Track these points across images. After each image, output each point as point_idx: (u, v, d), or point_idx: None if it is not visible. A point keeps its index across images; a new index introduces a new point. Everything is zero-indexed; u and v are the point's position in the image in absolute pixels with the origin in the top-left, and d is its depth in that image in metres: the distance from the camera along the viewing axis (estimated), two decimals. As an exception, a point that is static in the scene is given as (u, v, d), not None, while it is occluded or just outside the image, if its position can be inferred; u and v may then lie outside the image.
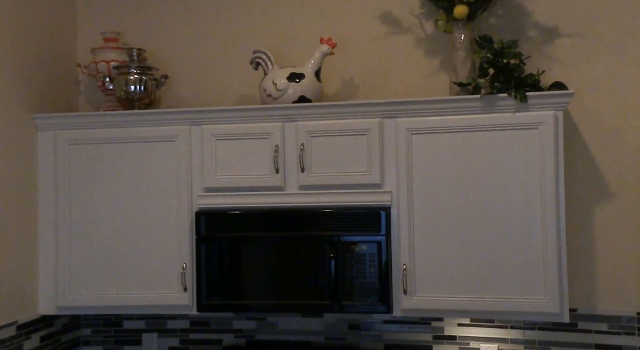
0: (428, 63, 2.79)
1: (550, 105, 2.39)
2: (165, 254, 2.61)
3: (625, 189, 2.62)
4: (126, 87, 2.72)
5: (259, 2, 2.93)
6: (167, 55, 2.97)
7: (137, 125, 2.64)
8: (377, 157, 2.48)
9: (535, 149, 2.38)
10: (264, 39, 2.88)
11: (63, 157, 2.67)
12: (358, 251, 2.48)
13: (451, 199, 2.44)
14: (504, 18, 2.73)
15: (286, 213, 2.53)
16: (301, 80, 2.61)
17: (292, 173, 2.54)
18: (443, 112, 2.45)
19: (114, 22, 3.00)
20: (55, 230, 2.67)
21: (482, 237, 2.42)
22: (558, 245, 2.36)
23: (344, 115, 2.51)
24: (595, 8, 2.65)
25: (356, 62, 2.84)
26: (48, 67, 2.83)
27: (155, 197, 2.62)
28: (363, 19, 2.84)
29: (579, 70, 2.65)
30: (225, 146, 2.58)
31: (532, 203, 2.38)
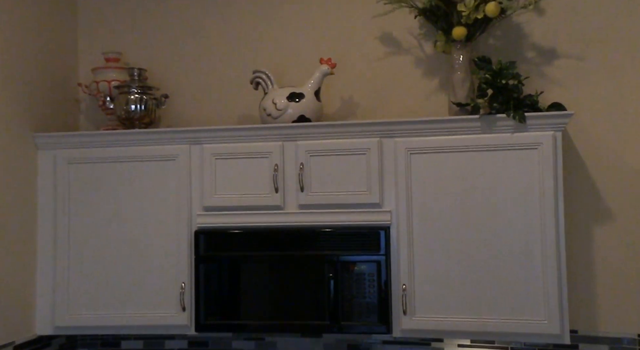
0: (427, 83, 2.81)
1: (548, 126, 2.40)
2: (164, 273, 2.60)
3: (625, 210, 2.62)
4: (127, 106, 2.74)
5: (259, 22, 2.95)
6: (168, 74, 2.99)
7: (137, 145, 2.65)
8: (376, 177, 2.48)
9: (534, 169, 2.39)
10: (264, 58, 2.90)
11: (62, 176, 2.67)
12: (357, 271, 2.47)
13: (450, 219, 2.44)
14: (502, 39, 2.75)
15: (285, 232, 2.53)
16: (301, 100, 2.62)
17: (291, 192, 2.54)
18: (442, 132, 2.46)
19: (116, 42, 3.02)
20: (53, 250, 2.66)
21: (482, 258, 2.41)
22: (558, 265, 2.35)
23: (343, 135, 2.52)
24: (593, 30, 2.67)
25: (356, 82, 2.86)
26: (49, 86, 2.85)
27: (154, 216, 2.62)
28: (363, 40, 2.86)
29: (578, 92, 2.66)
30: (225, 165, 2.58)
31: (532, 223, 2.38)
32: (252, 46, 2.95)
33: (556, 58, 2.70)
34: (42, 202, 2.69)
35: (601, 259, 2.63)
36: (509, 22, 2.72)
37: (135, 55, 3.01)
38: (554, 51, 2.71)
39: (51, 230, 2.67)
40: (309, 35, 2.91)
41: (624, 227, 2.61)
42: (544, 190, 2.37)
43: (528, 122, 2.39)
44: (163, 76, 2.98)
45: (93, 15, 3.07)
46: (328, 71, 2.66)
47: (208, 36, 2.99)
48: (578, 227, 2.64)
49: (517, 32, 2.74)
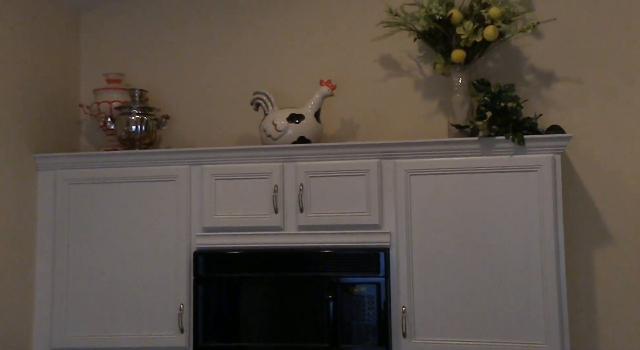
0: (426, 105, 2.83)
1: (548, 148, 2.40)
2: (163, 294, 2.59)
3: (625, 232, 2.62)
4: (127, 127, 2.75)
5: (259, 44, 2.98)
6: (169, 95, 3.00)
7: (137, 165, 2.65)
8: (376, 198, 2.48)
9: (534, 191, 2.39)
10: (264, 80, 2.92)
11: (62, 197, 2.67)
12: (357, 293, 2.46)
13: (450, 241, 2.44)
14: (501, 62, 2.77)
15: (285, 253, 2.53)
16: (301, 121, 2.63)
17: (291, 213, 2.54)
18: (441, 154, 2.47)
19: (117, 63, 3.05)
20: (52, 270, 2.66)
21: (481, 280, 2.40)
22: (558, 288, 2.35)
23: (343, 156, 2.53)
24: (591, 53, 2.69)
25: (355, 104, 2.87)
26: (51, 107, 2.86)
27: (153, 236, 2.61)
28: (363, 62, 2.88)
29: (576, 114, 2.68)
30: (224, 186, 2.58)
31: (531, 246, 2.37)
32: (253, 67, 2.97)
33: (555, 81, 2.72)
34: (42, 223, 2.69)
35: (602, 282, 2.62)
36: (508, 46, 2.75)
37: (137, 77, 3.03)
38: (553, 74, 2.73)
39: (50, 250, 2.67)
40: (309, 57, 2.93)
41: (625, 248, 2.61)
42: (543, 212, 2.37)
43: (527, 145, 2.40)
44: (164, 97, 2.99)
45: (95, 36, 3.10)
46: (328, 93, 2.68)
47: (209, 57, 3.01)
48: (578, 250, 2.63)
49: (515, 55, 2.76)
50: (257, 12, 2.98)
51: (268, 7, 2.97)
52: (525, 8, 2.65)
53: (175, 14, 3.05)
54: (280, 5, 2.96)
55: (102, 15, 3.10)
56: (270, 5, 2.97)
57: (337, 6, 2.92)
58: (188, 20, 3.04)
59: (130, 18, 3.09)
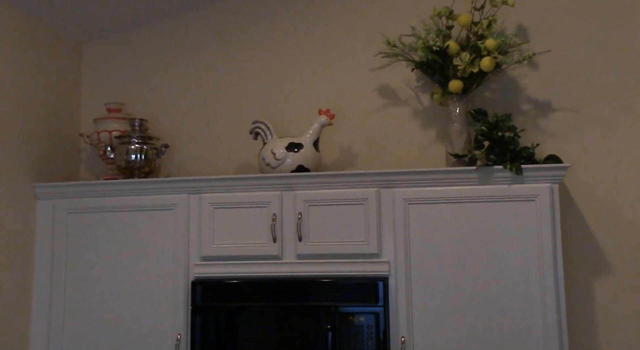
0: (424, 134, 2.84)
1: (545, 178, 2.41)
2: (160, 324, 2.56)
3: (624, 261, 2.62)
4: (127, 156, 2.76)
5: (258, 74, 3.01)
6: (168, 124, 3.02)
7: (136, 194, 2.66)
8: (374, 227, 2.48)
9: (532, 221, 2.39)
10: (263, 109, 2.94)
11: (61, 226, 2.67)
12: (356, 323, 2.44)
13: (449, 270, 2.43)
14: (498, 92, 2.80)
15: (283, 283, 2.51)
16: (300, 150, 2.65)
17: (289, 242, 2.54)
18: (440, 183, 2.48)
19: (118, 93, 3.07)
20: (49, 299, 2.64)
21: (481, 310, 2.39)
22: (558, 318, 2.33)
23: (341, 185, 2.53)
24: (587, 83, 2.72)
25: (354, 133, 2.89)
26: (51, 137, 2.88)
27: (152, 265, 2.61)
28: (361, 91, 2.91)
29: (573, 144, 2.69)
30: (223, 214, 2.58)
31: (531, 275, 2.37)
32: (252, 97, 2.99)
33: (551, 111, 2.75)
34: (40, 252, 2.68)
35: (602, 311, 2.60)
36: (505, 76, 2.78)
37: (137, 106, 3.05)
38: (549, 104, 2.75)
39: (47, 278, 2.65)
40: (308, 86, 2.96)
41: (624, 279, 2.60)
42: (542, 241, 2.37)
43: (525, 174, 2.41)
44: (163, 126, 3.01)
45: (96, 67, 3.14)
46: (327, 122, 2.70)
47: (208, 87, 3.04)
48: (577, 279, 2.62)
49: (512, 85, 2.79)
50: (256, 42, 3.02)
51: (267, 37, 3.01)
52: (521, 40, 2.69)
53: (175, 45, 3.09)
54: (279, 35, 3.00)
55: (104, 47, 3.14)
56: (269, 36, 3.01)
57: (336, 37, 2.96)
58: (187, 51, 3.07)
59: (130, 49, 3.13)
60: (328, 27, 2.97)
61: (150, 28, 3.11)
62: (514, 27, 2.76)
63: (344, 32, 2.95)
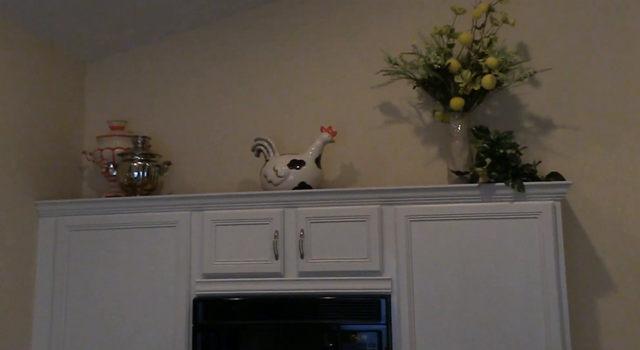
0: (426, 151, 2.85)
1: (548, 195, 2.41)
2: (162, 342, 2.55)
3: (627, 278, 2.60)
4: (129, 173, 2.76)
5: (260, 92, 3.02)
6: (171, 141, 3.03)
7: (138, 211, 2.66)
8: (376, 244, 2.47)
9: (535, 238, 2.38)
10: (265, 126, 2.95)
11: (63, 243, 2.67)
12: (358, 341, 2.43)
13: (452, 287, 2.42)
14: (499, 109, 2.81)
15: (285, 300, 2.50)
16: (302, 167, 2.65)
17: (291, 259, 2.53)
18: (442, 200, 2.47)
19: (120, 110, 3.09)
20: (50, 317, 2.63)
21: (484, 327, 2.37)
22: (562, 335, 2.31)
23: (343, 202, 2.53)
24: (589, 100, 2.73)
25: (356, 150, 2.90)
26: (54, 154, 2.89)
27: (153, 283, 2.60)
28: (363, 109, 2.92)
29: (575, 161, 2.70)
30: (225, 232, 2.58)
31: (534, 292, 2.35)
32: (254, 114, 3.01)
33: (553, 128, 2.75)
34: (41, 269, 2.68)
35: (606, 329, 2.59)
36: (506, 93, 2.79)
37: (140, 123, 3.06)
38: (551, 121, 2.76)
39: (49, 296, 2.64)
40: (310, 103, 2.97)
41: (628, 296, 2.59)
42: (545, 258, 2.36)
43: (527, 191, 2.41)
44: (166, 143, 3.02)
45: (100, 85, 3.16)
46: (329, 139, 2.70)
47: (211, 105, 3.06)
48: (581, 296, 2.61)
49: (513, 102, 2.80)
50: (259, 61, 3.04)
51: (269, 56, 3.03)
52: (522, 58, 2.71)
53: (178, 63, 3.11)
54: (281, 53, 3.02)
55: (107, 65, 3.16)
56: (271, 54, 3.03)
57: (338, 55, 2.98)
58: (190, 69, 3.10)
59: (133, 67, 3.15)
60: (330, 45, 2.99)
61: (153, 47, 3.13)
62: (515, 45, 2.78)
63: (345, 50, 2.97)
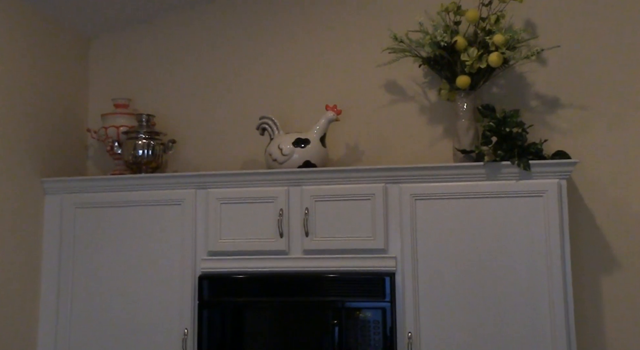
0: (432, 130, 2.84)
1: (553, 174, 2.40)
2: (167, 318, 2.57)
3: (633, 258, 2.60)
4: (134, 151, 2.77)
5: (265, 70, 3.01)
6: (175, 120, 3.03)
7: (143, 189, 2.67)
8: (381, 223, 2.48)
9: (540, 216, 2.38)
10: (270, 105, 2.94)
11: (69, 221, 2.68)
12: (362, 318, 2.44)
13: (456, 265, 2.42)
14: (505, 88, 2.79)
15: (290, 278, 2.51)
16: (306, 146, 2.65)
17: (296, 237, 2.53)
18: (447, 179, 2.47)
19: (125, 88, 3.08)
20: (57, 294, 2.65)
21: (488, 305, 2.38)
22: (566, 314, 2.32)
23: (348, 180, 2.53)
24: (596, 79, 2.71)
25: (361, 129, 2.89)
26: (59, 132, 2.89)
27: (159, 260, 2.61)
28: (368, 87, 2.90)
29: (581, 140, 2.68)
30: (230, 210, 2.58)
31: (538, 271, 2.36)
32: (259, 92, 3.00)
33: (559, 107, 2.74)
34: (47, 246, 2.69)
35: (610, 306, 2.59)
36: (512, 72, 2.77)
37: (144, 102, 3.06)
38: (557, 100, 2.74)
39: (55, 273, 2.66)
40: (315, 82, 2.96)
41: (632, 275, 2.59)
42: (550, 237, 2.36)
43: (533, 170, 2.40)
44: (171, 122, 3.02)
45: (104, 62, 3.15)
46: (334, 117, 2.69)
47: (215, 83, 3.05)
48: (585, 275, 2.61)
49: (520, 81, 2.78)
50: (264, 39, 3.02)
51: (275, 34, 3.01)
52: (529, 35, 2.68)
53: (183, 41, 3.10)
54: (286, 31, 3.00)
55: (111, 42, 3.15)
56: (276, 32, 3.01)
57: (343, 33, 2.95)
58: (195, 47, 3.08)
59: (138, 45, 3.13)
60: (335, 23, 2.97)
61: (158, 24, 3.12)
62: (522, 22, 2.75)
63: (351, 28, 2.95)
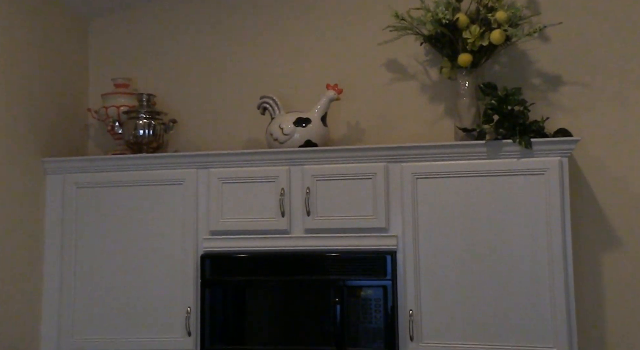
0: (433, 109, 2.83)
1: (555, 152, 2.40)
2: (170, 297, 2.59)
3: (633, 236, 2.61)
4: (135, 131, 2.76)
5: (266, 49, 2.99)
6: (176, 100, 3.02)
7: (144, 169, 2.67)
8: (382, 202, 2.48)
9: (541, 194, 2.38)
10: (271, 84, 2.93)
11: (70, 200, 2.69)
12: (363, 296, 2.46)
13: (457, 244, 2.43)
14: (507, 66, 2.77)
15: (291, 257, 2.53)
16: (307, 125, 2.64)
17: (297, 216, 2.54)
18: (448, 157, 2.47)
19: (125, 68, 3.07)
20: (60, 274, 2.67)
21: (489, 283, 2.40)
22: (566, 291, 2.34)
23: (349, 160, 2.53)
24: (598, 57, 2.69)
25: (362, 108, 2.88)
26: (59, 112, 2.88)
27: (161, 240, 2.62)
28: (369, 66, 2.89)
29: (583, 118, 2.67)
30: (231, 189, 2.59)
31: (539, 248, 2.37)
32: (259, 72, 2.98)
33: (562, 84, 2.72)
34: (50, 226, 2.70)
35: (610, 284, 2.61)
36: (515, 49, 2.75)
37: (145, 81, 3.04)
38: (560, 78, 2.73)
39: (58, 253, 2.68)
40: (316, 61, 2.94)
41: (633, 253, 2.60)
42: (550, 215, 2.36)
43: (534, 148, 2.39)
44: (171, 101, 3.01)
45: (104, 42, 3.13)
46: (334, 96, 2.68)
47: (216, 62, 3.03)
48: (586, 253, 2.62)
49: (522, 58, 2.76)
50: (264, 18, 3.00)
51: (274, 14, 2.99)
52: (532, 12, 2.66)
53: (183, 20, 3.07)
54: (286, 11, 2.98)
55: (111, 22, 3.13)
56: (276, 12, 2.99)
57: (343, 11, 2.93)
58: (195, 27, 3.06)
59: (138, 24, 3.11)
60: (336, 1, 2.94)
61: (158, 3, 3.09)
62: (525, -1, 2.73)
63: (352, 5, 2.92)
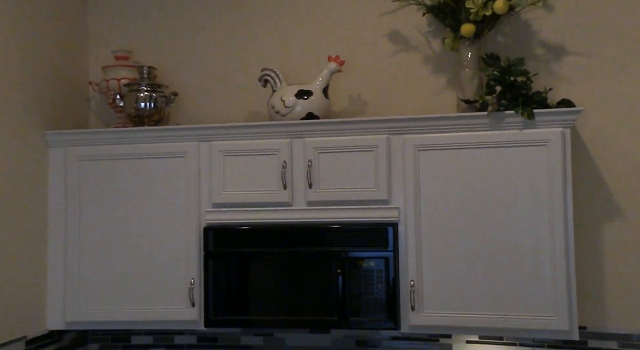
0: (435, 80, 2.81)
1: (557, 123, 2.39)
2: (173, 269, 2.62)
3: (635, 207, 2.61)
4: (136, 104, 2.76)
5: (267, 21, 2.96)
6: (177, 72, 3.00)
7: (146, 142, 2.67)
8: (384, 174, 2.49)
9: (543, 165, 2.38)
10: (272, 56, 2.91)
11: (73, 173, 2.70)
12: (365, 267, 2.48)
13: (459, 216, 2.44)
14: (510, 36, 2.75)
15: (294, 229, 2.54)
16: (309, 97, 2.63)
17: (299, 189, 2.55)
18: (450, 129, 2.46)
19: (126, 40, 3.05)
20: (64, 246, 2.69)
21: (490, 254, 2.41)
22: (567, 262, 2.35)
23: (351, 132, 2.53)
24: (602, 27, 2.66)
25: (364, 80, 2.86)
26: (60, 84, 2.87)
27: (164, 212, 2.64)
28: (371, 37, 2.87)
29: (587, 89, 2.66)
30: (233, 162, 2.59)
31: (540, 220, 2.38)
32: (261, 44, 2.96)
33: (565, 55, 2.70)
34: (53, 199, 2.72)
35: (610, 255, 2.62)
36: (518, 19, 2.72)
37: (145, 54, 3.03)
38: (563, 48, 2.70)
39: (62, 226, 2.70)
40: (317, 32, 2.92)
41: (634, 223, 2.61)
42: (552, 186, 2.37)
43: (537, 119, 2.39)
44: (172, 74, 2.99)
45: (103, 13, 3.10)
46: (336, 68, 2.67)
47: (217, 34, 3.01)
48: (587, 224, 2.63)
49: (525, 29, 2.73)
50: (265, -12, 2.97)
51: (276, -17, 2.96)
52: (536, -19, 2.62)
53: (183, -9, 3.04)
54: (287, -20, 2.95)
55: (110, -7, 3.10)
56: (277, -19, 2.96)
57: (345, -19, 2.90)
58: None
59: (137, -5, 3.08)
60: (337, -30, 2.91)
61: (157, -27, 3.06)
62: (529, -32, 2.68)
63: (353, -25, 2.89)
